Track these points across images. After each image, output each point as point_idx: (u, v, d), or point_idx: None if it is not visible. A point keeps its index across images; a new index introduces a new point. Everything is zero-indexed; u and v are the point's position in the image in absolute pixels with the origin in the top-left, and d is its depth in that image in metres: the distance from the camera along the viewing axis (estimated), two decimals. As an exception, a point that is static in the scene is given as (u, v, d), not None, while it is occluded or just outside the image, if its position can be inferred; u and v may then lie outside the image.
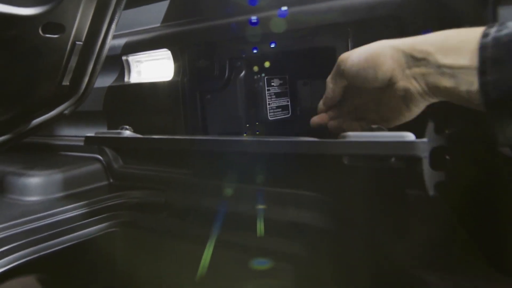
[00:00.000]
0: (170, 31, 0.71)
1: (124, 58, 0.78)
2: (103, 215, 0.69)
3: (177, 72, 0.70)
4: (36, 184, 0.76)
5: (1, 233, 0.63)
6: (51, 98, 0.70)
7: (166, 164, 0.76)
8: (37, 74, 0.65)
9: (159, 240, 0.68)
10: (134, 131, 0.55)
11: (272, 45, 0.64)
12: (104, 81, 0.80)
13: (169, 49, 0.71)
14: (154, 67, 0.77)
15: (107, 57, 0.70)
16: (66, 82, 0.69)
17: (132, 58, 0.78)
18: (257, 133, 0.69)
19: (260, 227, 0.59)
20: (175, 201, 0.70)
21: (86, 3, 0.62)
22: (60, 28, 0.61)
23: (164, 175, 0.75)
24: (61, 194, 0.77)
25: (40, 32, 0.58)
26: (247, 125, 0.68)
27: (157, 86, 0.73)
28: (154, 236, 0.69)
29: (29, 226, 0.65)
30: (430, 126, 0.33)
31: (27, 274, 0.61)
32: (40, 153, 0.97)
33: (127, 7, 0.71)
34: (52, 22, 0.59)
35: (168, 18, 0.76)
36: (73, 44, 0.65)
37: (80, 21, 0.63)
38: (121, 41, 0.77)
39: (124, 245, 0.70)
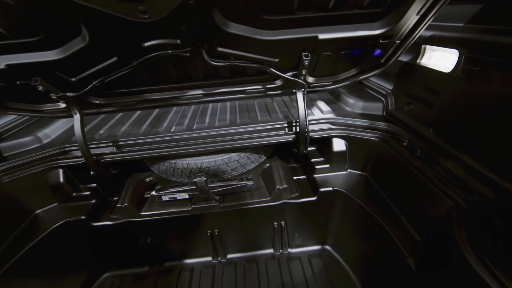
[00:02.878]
0: (466, 35, 0.88)
1: (423, 46, 1.07)
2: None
3: (455, 68, 0.92)
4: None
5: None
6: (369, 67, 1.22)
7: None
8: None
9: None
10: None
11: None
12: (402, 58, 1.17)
13: (458, 50, 0.90)
14: (440, 58, 1.00)
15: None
16: (382, 61, 1.17)
17: (429, 47, 1.05)
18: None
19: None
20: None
21: (412, 19, 0.95)
22: (390, 37, 1.03)
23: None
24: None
25: (380, 40, 1.05)
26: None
27: (436, 74, 1.01)
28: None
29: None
30: None
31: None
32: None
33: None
34: (388, 35, 1.02)
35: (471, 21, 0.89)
36: (394, 43, 1.06)
37: (403, 31, 1.00)
38: (427, 33, 1.04)
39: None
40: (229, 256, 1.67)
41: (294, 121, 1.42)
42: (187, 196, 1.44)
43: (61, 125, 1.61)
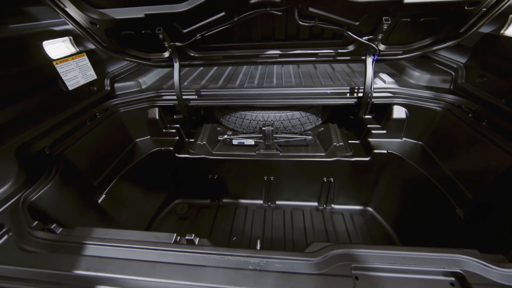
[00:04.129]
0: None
1: (511, 16, 1.06)
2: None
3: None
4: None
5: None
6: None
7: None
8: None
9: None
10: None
11: None
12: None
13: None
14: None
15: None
16: (461, 30, 1.18)
17: (518, 16, 1.04)
18: None
19: None
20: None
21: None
22: (477, 3, 1.04)
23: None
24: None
25: (465, 7, 1.07)
26: None
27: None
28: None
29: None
30: None
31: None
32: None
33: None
34: (474, 1, 1.03)
35: None
36: (479, 11, 1.06)
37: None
38: (518, 3, 1.03)
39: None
40: (277, 202, 1.90)
41: (356, 87, 1.51)
42: (253, 143, 1.66)
43: (154, 76, 1.92)
